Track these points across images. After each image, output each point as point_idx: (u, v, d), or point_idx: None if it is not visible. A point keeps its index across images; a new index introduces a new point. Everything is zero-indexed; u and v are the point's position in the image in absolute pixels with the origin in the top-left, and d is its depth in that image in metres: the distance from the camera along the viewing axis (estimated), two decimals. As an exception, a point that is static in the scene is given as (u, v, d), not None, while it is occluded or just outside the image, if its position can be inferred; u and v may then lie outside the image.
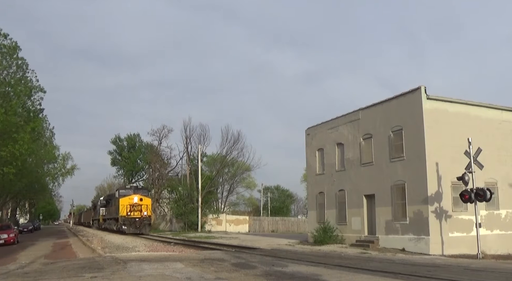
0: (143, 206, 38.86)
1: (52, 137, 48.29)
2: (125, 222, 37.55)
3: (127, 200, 38.56)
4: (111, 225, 43.97)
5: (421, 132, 21.29)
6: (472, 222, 20.04)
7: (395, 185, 22.64)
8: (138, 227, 37.68)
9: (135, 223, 37.75)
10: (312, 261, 14.88)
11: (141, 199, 39.23)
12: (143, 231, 37.99)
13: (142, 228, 38.13)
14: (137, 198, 38.95)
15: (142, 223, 38.18)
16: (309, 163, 30.57)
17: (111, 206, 44.55)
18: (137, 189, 42.75)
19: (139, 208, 38.53)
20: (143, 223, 38.35)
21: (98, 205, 56.14)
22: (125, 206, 38.07)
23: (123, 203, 38.41)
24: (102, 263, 14.12)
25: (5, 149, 28.11)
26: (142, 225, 38.08)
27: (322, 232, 25.95)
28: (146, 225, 38.92)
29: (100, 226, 53.23)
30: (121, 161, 76.17)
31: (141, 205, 38.75)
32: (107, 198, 49.67)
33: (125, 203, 38.28)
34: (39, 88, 32.17)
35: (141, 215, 38.34)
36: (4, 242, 29.44)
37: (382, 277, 10.93)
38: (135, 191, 41.33)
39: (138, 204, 38.61)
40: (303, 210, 79.58)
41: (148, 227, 39.49)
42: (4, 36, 29.24)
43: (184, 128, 53.07)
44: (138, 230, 37.49)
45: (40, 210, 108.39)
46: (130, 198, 38.80)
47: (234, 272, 11.73)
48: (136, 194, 39.71)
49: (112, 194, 49.35)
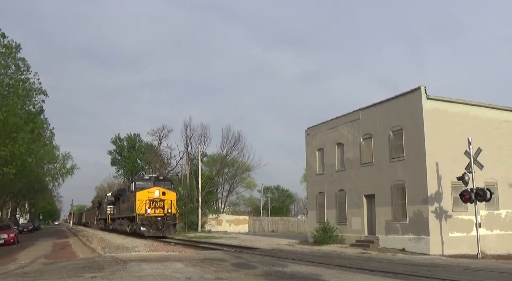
0: (166, 201, 30.79)
1: (52, 137, 48.28)
2: (144, 222, 29.61)
3: (146, 194, 30.69)
4: (122, 226, 36.30)
5: (421, 132, 21.29)
6: (472, 222, 20.04)
7: (395, 185, 22.64)
8: (161, 228, 29.75)
9: (157, 224, 29.74)
10: (312, 261, 14.87)
11: (164, 193, 31.16)
12: (167, 233, 30.46)
13: (166, 229, 30.21)
14: (158, 192, 31.01)
15: (166, 223, 30.17)
16: (309, 163, 30.57)
17: (123, 202, 36.97)
18: (158, 180, 33.46)
19: (162, 204, 30.60)
20: (167, 223, 30.29)
21: (104, 203, 49.52)
22: (143, 202, 30.13)
23: (141, 197, 30.47)
24: (102, 263, 14.11)
25: (4, 149, 28.13)
26: (165, 226, 30.09)
27: (322, 232, 25.96)
28: (171, 226, 30.77)
29: (107, 227, 46.24)
30: (121, 161, 76.22)
31: (164, 201, 30.70)
32: (117, 194, 41.96)
33: (143, 198, 30.33)
34: (41, 91, 32.13)
35: (164, 213, 30.40)
36: (4, 242, 29.44)
37: (382, 277, 10.92)
38: (156, 182, 32.62)
39: (160, 199, 30.62)
40: (303, 210, 79.59)
41: (173, 229, 31.44)
42: (3, 36, 29.24)
43: (184, 128, 53.11)
44: (161, 232, 29.82)
45: (40, 210, 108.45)
46: (150, 191, 30.91)
47: (234, 272, 11.73)
48: (157, 187, 31.63)
49: (123, 188, 42.96)
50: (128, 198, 34.57)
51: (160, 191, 31.21)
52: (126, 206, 35.29)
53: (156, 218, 29.99)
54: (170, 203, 31.02)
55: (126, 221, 34.83)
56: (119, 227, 38.40)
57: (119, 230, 38.34)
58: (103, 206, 49.57)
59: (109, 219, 44.19)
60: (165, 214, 30.44)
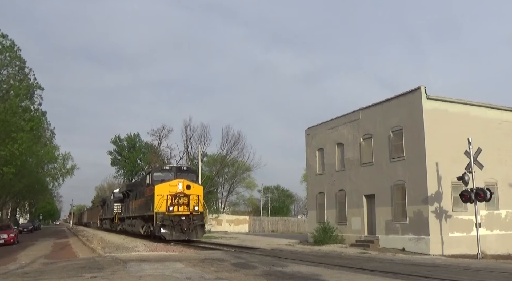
0: (192, 197, 25.12)
1: (53, 137, 48.37)
2: (165, 222, 24.22)
3: (166, 188, 25.12)
4: (134, 227, 30.65)
5: (421, 132, 21.29)
6: (472, 222, 20.04)
7: (395, 185, 22.65)
8: (186, 230, 24.34)
9: (181, 224, 24.31)
10: (312, 261, 14.87)
11: (189, 187, 25.53)
12: (193, 236, 24.96)
13: (192, 231, 24.79)
14: (182, 185, 25.40)
15: (192, 223, 24.68)
16: (309, 163, 30.57)
17: (136, 198, 31.26)
18: (180, 170, 27.61)
19: (186, 200, 24.95)
20: (193, 224, 24.76)
21: (109, 201, 44.58)
22: (164, 198, 24.55)
23: (161, 192, 24.90)
24: (102, 263, 14.11)
25: (4, 149, 28.16)
26: (191, 227, 24.64)
27: (322, 232, 25.96)
28: (198, 227, 25.17)
29: (113, 228, 41.20)
30: (121, 161, 76.27)
31: (189, 196, 25.07)
32: (126, 189, 36.47)
33: (163, 193, 24.81)
34: (38, 86, 32.28)
35: (190, 211, 24.77)
36: (4, 242, 29.45)
37: (382, 277, 10.92)
38: (178, 174, 26.81)
39: (184, 194, 25.05)
40: (303, 210, 79.59)
41: (201, 231, 25.71)
42: (3, 36, 29.30)
43: (184, 128, 53.13)
44: (186, 235, 24.37)
45: (40, 210, 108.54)
46: (171, 184, 25.32)
47: (234, 272, 11.73)
48: (180, 179, 25.87)
49: (134, 183, 37.69)
50: (142, 193, 29.12)
51: (184, 184, 25.49)
52: (139, 203, 29.65)
53: (180, 217, 24.47)
54: (196, 199, 25.25)
55: (139, 221, 29.11)
56: (129, 228, 32.89)
57: (129, 231, 33.10)
58: (109, 205, 45.05)
59: (117, 219, 39.31)
60: (191, 212, 24.75)
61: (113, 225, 40.88)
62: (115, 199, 40.63)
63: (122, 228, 36.89)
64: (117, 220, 38.88)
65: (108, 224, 45.47)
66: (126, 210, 35.29)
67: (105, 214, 47.97)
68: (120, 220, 37.73)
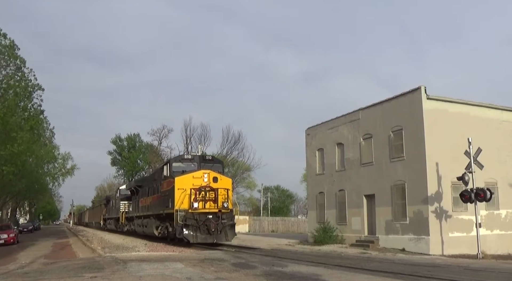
0: (220, 191, 21.22)
1: (52, 137, 48.40)
2: (188, 221, 20.38)
3: (189, 181, 21.17)
4: (147, 228, 26.72)
5: (421, 132, 21.30)
6: (472, 222, 20.04)
7: (395, 185, 22.65)
8: (214, 231, 20.52)
9: (208, 224, 20.49)
10: (312, 261, 14.87)
11: (216, 179, 21.62)
12: (222, 238, 21.15)
13: (221, 233, 20.92)
14: (208, 177, 21.44)
15: (220, 223, 20.85)
16: (309, 163, 30.57)
17: (149, 194, 27.13)
18: (204, 160, 23.33)
19: (213, 195, 21.09)
20: (222, 223, 20.91)
21: (115, 199, 40.72)
22: (186, 192, 20.79)
23: (183, 185, 21.06)
24: (102, 263, 14.11)
25: (4, 148, 28.18)
26: (219, 228, 20.81)
27: (322, 232, 25.97)
28: (227, 227, 21.29)
29: (119, 228, 37.66)
30: (121, 161, 76.29)
31: (217, 190, 21.15)
32: (135, 185, 32.17)
33: (186, 186, 20.95)
34: (38, 87, 32.29)
35: (219, 208, 21.01)
36: (4, 242, 29.44)
37: (382, 277, 10.92)
38: (202, 164, 22.67)
39: (211, 188, 21.13)
40: (303, 210, 79.60)
41: (231, 232, 21.61)
42: (4, 36, 29.32)
43: (184, 128, 53.12)
44: (213, 237, 20.64)
45: (40, 210, 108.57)
46: (195, 176, 21.32)
47: (234, 272, 11.73)
48: (205, 169, 21.88)
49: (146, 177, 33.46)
50: (157, 188, 25.08)
51: (211, 175, 21.54)
52: (153, 199, 25.74)
53: (206, 215, 20.61)
54: (225, 194, 21.38)
55: (154, 221, 25.25)
56: (139, 229, 28.95)
57: (139, 233, 29.36)
58: (113, 203, 41.40)
59: (123, 219, 35.36)
60: (219, 209, 20.95)
61: (119, 226, 37.50)
62: (121, 196, 36.93)
63: (130, 229, 33.25)
64: (124, 219, 35.37)
65: (113, 225, 41.95)
66: (135, 208, 31.59)
67: (109, 214, 44.20)
68: (128, 220, 34.32)
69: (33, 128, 33.92)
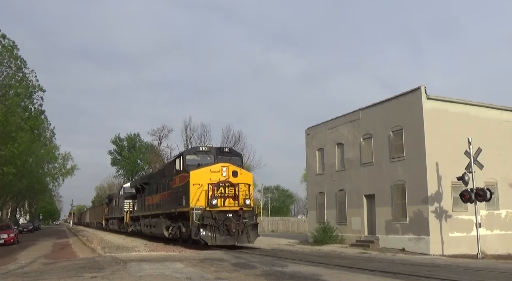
0: (241, 187, 19.22)
1: (53, 137, 48.43)
2: (206, 221, 18.43)
3: (206, 175, 19.20)
4: (156, 228, 24.79)
5: (421, 132, 21.30)
6: (472, 222, 20.04)
7: (395, 185, 22.65)
8: (234, 231, 18.49)
9: (228, 224, 18.50)
10: (312, 261, 14.87)
11: (235, 173, 19.69)
12: (244, 240, 19.17)
13: (242, 234, 18.95)
14: (227, 170, 19.45)
15: (242, 223, 18.81)
16: (309, 163, 30.57)
17: (158, 191, 25.06)
18: (222, 152, 21.17)
19: (233, 190, 19.05)
20: (243, 223, 18.87)
21: (118, 197, 38.93)
22: (203, 188, 18.85)
23: (199, 180, 19.08)
24: (102, 263, 14.11)
25: (4, 148, 28.19)
26: (240, 228, 18.78)
27: (322, 232, 25.97)
28: (250, 227, 19.33)
29: (123, 229, 35.81)
30: (121, 161, 76.41)
31: (237, 186, 19.15)
32: (141, 182, 30.18)
33: (202, 181, 18.99)
34: (39, 88, 32.34)
35: (240, 206, 18.97)
36: (4, 242, 29.46)
37: (382, 277, 10.92)
38: (220, 157, 20.63)
39: (230, 183, 19.18)
40: (303, 210, 79.66)
41: (254, 233, 19.69)
42: (3, 36, 29.35)
43: (184, 128, 53.09)
44: (234, 238, 18.71)
45: (40, 210, 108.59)
46: (213, 170, 19.37)
47: (234, 272, 11.73)
48: (223, 163, 19.89)
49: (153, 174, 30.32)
50: (167, 184, 23.04)
51: (230, 169, 19.52)
52: (163, 197, 23.66)
53: (225, 214, 18.59)
54: (246, 190, 19.38)
55: (163, 221, 23.15)
56: (147, 230, 27.05)
57: (145, 233, 27.63)
58: (116, 202, 39.38)
59: (128, 218, 33.38)
60: (240, 207, 18.91)
61: (123, 226, 35.48)
62: (125, 195, 35.00)
63: (135, 230, 31.17)
64: (129, 219, 33.34)
65: (116, 225, 39.80)
66: (141, 207, 29.55)
67: (112, 213, 42.07)
68: (133, 220, 32.31)
69: (33, 128, 33.96)
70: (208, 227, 18.40)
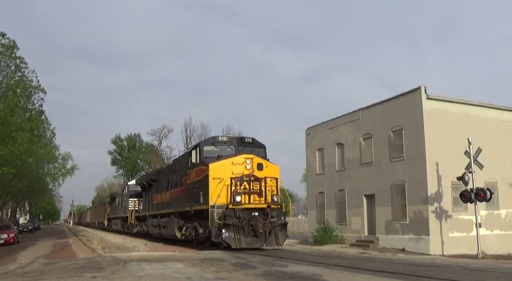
0: (268, 181, 17.10)
1: (53, 137, 48.42)
2: (229, 220, 16.22)
3: (227, 168, 16.89)
4: (166, 229, 22.48)
5: (421, 132, 21.31)
6: (472, 222, 20.05)
7: (395, 185, 22.66)
8: (262, 233, 16.34)
9: (255, 224, 16.29)
10: (312, 261, 14.86)
11: (261, 166, 17.25)
12: (272, 242, 17.06)
13: (270, 235, 16.90)
14: (251, 163, 17.01)
15: (269, 223, 16.67)
16: (309, 163, 30.58)
17: (169, 187, 22.66)
18: (243, 143, 18.57)
19: (259, 185, 16.82)
20: (271, 223, 16.76)
21: (121, 196, 36.79)
22: (224, 183, 16.57)
23: (219, 173, 16.81)
24: (102, 263, 14.11)
25: (4, 149, 28.21)
26: (267, 228, 16.63)
27: (322, 232, 25.97)
28: (278, 227, 17.22)
29: (127, 229, 33.82)
30: (121, 161, 76.45)
31: (264, 180, 16.94)
32: (148, 179, 27.69)
33: (223, 175, 16.71)
34: (40, 89, 32.34)
35: (267, 203, 16.79)
36: (4, 242, 29.49)
37: (381, 277, 10.91)
38: (241, 148, 18.15)
39: (255, 177, 16.89)
40: (303, 210, 79.56)
41: (283, 233, 17.56)
42: (2, 35, 29.36)
43: (184, 128, 53.26)
44: (261, 240, 16.61)
45: (40, 210, 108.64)
46: (235, 162, 17.00)
47: (234, 272, 11.72)
48: (247, 154, 17.46)
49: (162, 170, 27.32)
50: (180, 179, 20.72)
51: (254, 161, 17.11)
52: (174, 194, 21.42)
53: (251, 212, 16.41)
54: (274, 185, 17.37)
55: (175, 221, 20.95)
56: (155, 230, 24.79)
57: (154, 235, 25.46)
58: (120, 201, 37.40)
59: (133, 218, 31.24)
60: (268, 204, 16.71)
61: (127, 226, 33.44)
62: (130, 193, 32.98)
63: (141, 230, 29.04)
64: (134, 219, 31.16)
65: (119, 225, 37.58)
66: (147, 206, 27.18)
67: (115, 213, 39.78)
68: (138, 220, 30.13)
69: (33, 128, 33.96)
70: (231, 228, 16.07)
